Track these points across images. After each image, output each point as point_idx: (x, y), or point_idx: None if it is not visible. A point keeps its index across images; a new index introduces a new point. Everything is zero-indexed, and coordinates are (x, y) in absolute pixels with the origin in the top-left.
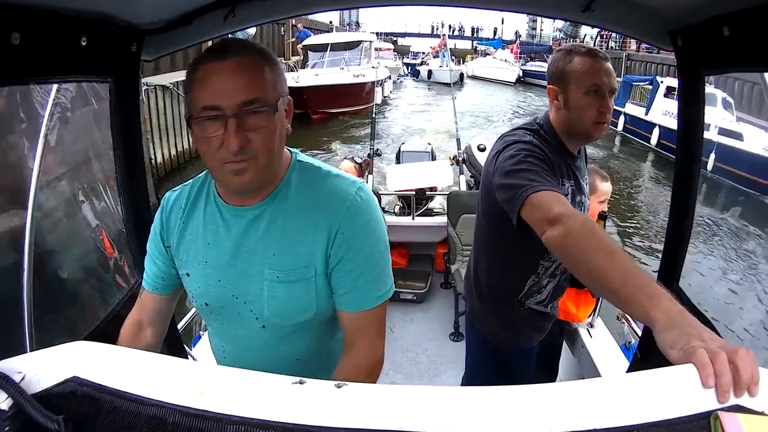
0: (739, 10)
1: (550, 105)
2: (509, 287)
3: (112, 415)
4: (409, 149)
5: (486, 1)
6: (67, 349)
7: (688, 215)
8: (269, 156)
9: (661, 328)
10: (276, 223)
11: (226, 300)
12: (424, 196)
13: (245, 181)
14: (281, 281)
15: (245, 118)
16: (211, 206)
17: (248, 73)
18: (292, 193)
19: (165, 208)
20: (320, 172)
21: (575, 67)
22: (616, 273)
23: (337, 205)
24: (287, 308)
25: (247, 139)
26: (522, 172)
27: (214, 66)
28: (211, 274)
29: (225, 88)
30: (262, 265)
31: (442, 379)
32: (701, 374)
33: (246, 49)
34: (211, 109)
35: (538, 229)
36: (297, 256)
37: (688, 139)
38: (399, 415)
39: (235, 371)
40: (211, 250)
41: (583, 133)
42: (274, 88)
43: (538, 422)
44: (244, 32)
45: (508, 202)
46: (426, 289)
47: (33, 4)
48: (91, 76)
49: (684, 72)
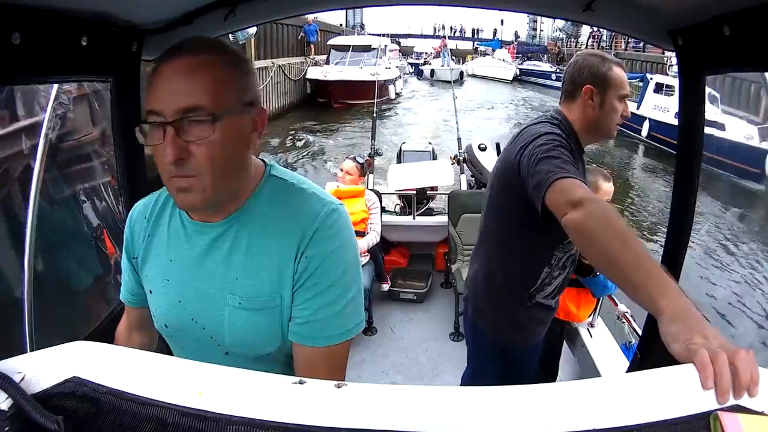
0: (740, 10)
1: (572, 101)
2: (526, 279)
3: (111, 415)
4: (409, 149)
5: (487, 1)
6: (67, 349)
7: (688, 215)
8: (217, 173)
9: (666, 319)
10: (240, 243)
11: (185, 324)
12: (424, 195)
13: (191, 202)
14: (243, 308)
15: (185, 127)
16: (176, 220)
17: (193, 76)
18: (260, 210)
19: (131, 218)
20: (293, 188)
21: (615, 74)
22: (629, 258)
23: (304, 226)
24: (250, 338)
25: (186, 151)
26: (553, 159)
27: (164, 67)
28: (172, 294)
29: (167, 92)
30: (224, 289)
31: (442, 379)
32: (701, 374)
33: (201, 50)
34: (152, 113)
35: (559, 212)
36: (261, 282)
37: (689, 139)
38: (399, 415)
39: (235, 371)
40: (173, 268)
41: (606, 132)
42: (227, 96)
43: (538, 422)
44: (245, 32)
45: (535, 187)
46: (426, 288)
47: (33, 4)
48: (92, 75)
49: (684, 72)
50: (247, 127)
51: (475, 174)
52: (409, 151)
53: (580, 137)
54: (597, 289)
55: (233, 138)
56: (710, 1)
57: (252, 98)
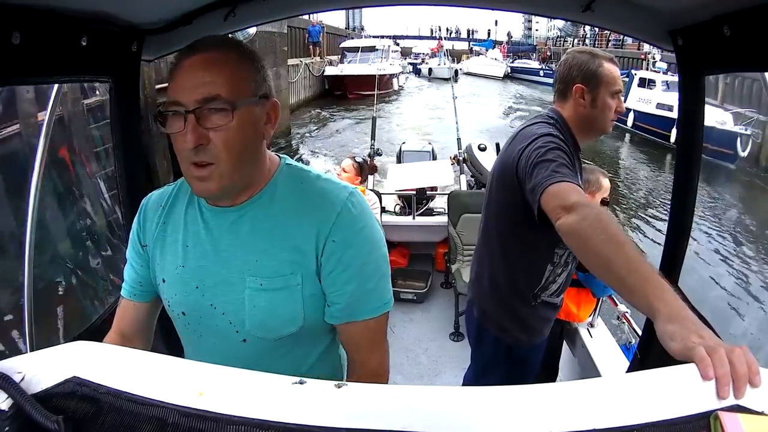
0: (740, 10)
1: (565, 101)
2: (530, 279)
3: (111, 415)
4: (409, 149)
5: (487, 1)
6: (66, 349)
7: (687, 215)
8: (233, 160)
9: (662, 320)
10: (260, 225)
11: (203, 310)
12: (424, 195)
13: (208, 189)
14: (264, 289)
15: (205, 115)
16: (193, 207)
17: (212, 69)
18: (279, 195)
19: (143, 207)
20: (309, 176)
21: (606, 71)
22: (623, 262)
23: (327, 210)
24: (270, 319)
25: (206, 138)
26: (549, 162)
27: (183, 62)
28: (188, 280)
29: (187, 84)
30: (243, 272)
31: (442, 379)
32: (700, 367)
33: (217, 46)
34: (173, 104)
35: (553, 216)
36: (281, 262)
37: (689, 139)
38: (399, 415)
39: (235, 371)
40: (189, 254)
41: (601, 129)
42: (243, 88)
43: (538, 422)
44: (245, 32)
45: (531, 191)
46: (426, 288)
47: (33, 4)
48: (92, 75)
49: (684, 72)
50: (261, 118)
51: (474, 174)
52: (409, 151)
53: (576, 135)
54: (597, 289)
55: (249, 127)
56: (710, 1)
57: (265, 92)
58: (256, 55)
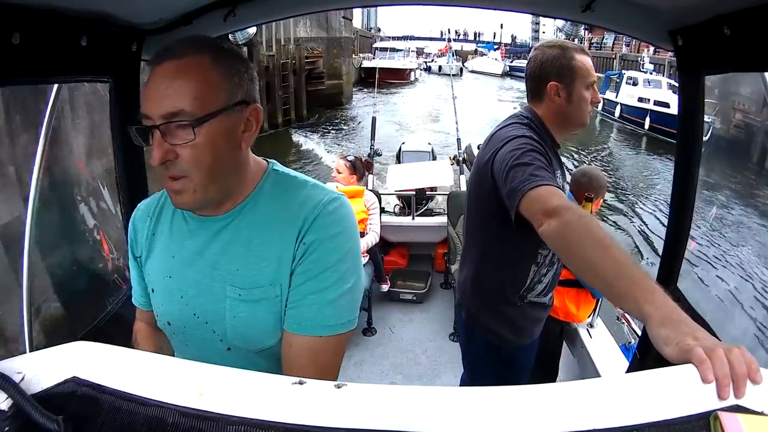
0: (740, 10)
1: (539, 100)
2: (515, 281)
3: (111, 415)
4: (409, 149)
5: (488, 1)
6: (66, 349)
7: (686, 215)
8: (205, 175)
9: (655, 324)
10: (241, 235)
11: (188, 319)
12: (424, 196)
13: (183, 202)
14: (243, 300)
15: (170, 130)
16: (178, 216)
17: (178, 80)
18: (263, 203)
19: (134, 218)
20: (295, 182)
21: (580, 64)
22: (611, 266)
23: (305, 215)
24: (250, 331)
25: (173, 153)
26: (525, 165)
27: (154, 69)
28: (174, 290)
29: (154, 95)
30: (225, 281)
31: (441, 379)
32: (700, 369)
33: (188, 52)
34: (145, 117)
35: (536, 221)
36: (261, 273)
37: (689, 139)
38: (398, 415)
39: (235, 371)
40: (175, 264)
41: (579, 122)
42: (211, 98)
43: (538, 422)
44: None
45: (509, 195)
46: (426, 289)
47: (33, 4)
48: (92, 76)
49: (684, 72)
50: (237, 127)
51: None
52: (409, 151)
53: (553, 132)
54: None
55: (220, 139)
56: (710, 1)
57: (244, 97)
58: (236, 56)
